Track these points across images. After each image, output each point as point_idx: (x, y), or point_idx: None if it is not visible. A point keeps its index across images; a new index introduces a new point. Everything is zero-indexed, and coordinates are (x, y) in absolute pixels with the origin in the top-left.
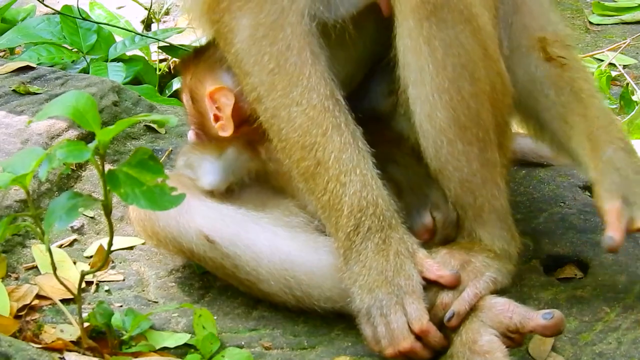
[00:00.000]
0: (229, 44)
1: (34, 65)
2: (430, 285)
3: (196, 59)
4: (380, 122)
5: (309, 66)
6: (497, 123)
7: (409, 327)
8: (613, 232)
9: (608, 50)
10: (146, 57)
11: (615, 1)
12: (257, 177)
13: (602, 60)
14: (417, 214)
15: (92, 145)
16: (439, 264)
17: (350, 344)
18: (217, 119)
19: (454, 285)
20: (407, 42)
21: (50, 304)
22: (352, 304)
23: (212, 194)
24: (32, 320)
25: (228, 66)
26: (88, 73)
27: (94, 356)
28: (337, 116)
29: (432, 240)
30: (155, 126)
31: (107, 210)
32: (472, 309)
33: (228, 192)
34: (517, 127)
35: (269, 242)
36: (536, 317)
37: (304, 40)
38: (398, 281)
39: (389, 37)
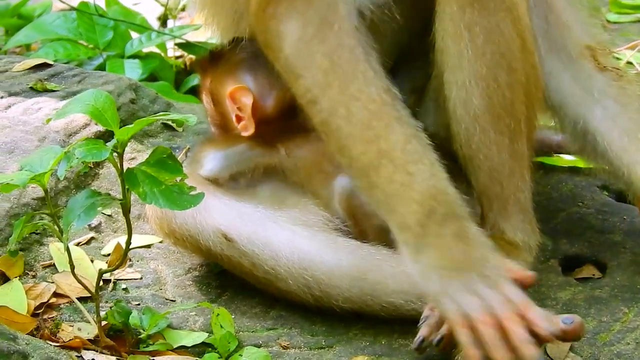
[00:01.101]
0: (278, 50)
1: (51, 62)
2: None
3: (214, 61)
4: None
5: (362, 62)
6: (528, 115)
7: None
8: None
9: (626, 48)
10: (162, 54)
11: None
12: (267, 174)
13: (620, 59)
14: None
15: (110, 144)
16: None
17: (368, 343)
18: (239, 119)
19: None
20: (448, 27)
21: (67, 302)
22: (428, 288)
23: (227, 191)
24: (50, 318)
25: (248, 67)
26: (104, 70)
27: (112, 354)
28: (398, 109)
29: None
30: (173, 124)
31: (126, 209)
32: None
33: (233, 182)
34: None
35: (287, 241)
36: (555, 322)
37: (354, 36)
38: (485, 271)
39: (418, 27)
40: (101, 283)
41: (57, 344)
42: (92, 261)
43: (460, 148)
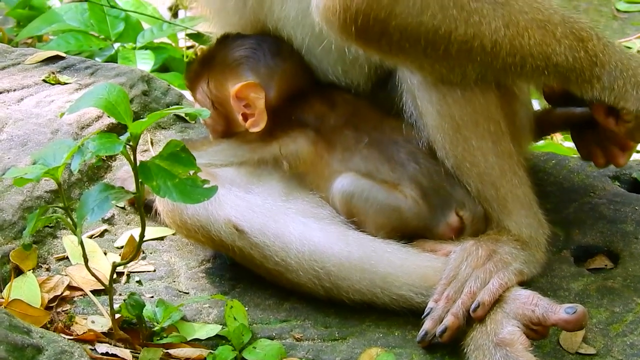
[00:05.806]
0: (381, 30)
1: (64, 55)
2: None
3: (207, 65)
4: (400, 120)
5: None
6: (505, 114)
7: None
8: None
9: (635, 37)
10: (174, 45)
11: None
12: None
13: (630, 48)
14: (441, 213)
15: (124, 138)
16: None
17: (381, 335)
18: (245, 117)
19: None
20: None
21: (81, 295)
22: None
23: (238, 183)
24: (63, 311)
25: (249, 63)
26: (116, 61)
27: (125, 347)
28: None
29: (461, 236)
30: (185, 117)
31: (139, 202)
32: (498, 300)
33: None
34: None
35: (298, 233)
36: (559, 311)
37: None
38: None
39: None
40: (115, 276)
41: (71, 337)
42: (105, 254)
43: (447, 159)
